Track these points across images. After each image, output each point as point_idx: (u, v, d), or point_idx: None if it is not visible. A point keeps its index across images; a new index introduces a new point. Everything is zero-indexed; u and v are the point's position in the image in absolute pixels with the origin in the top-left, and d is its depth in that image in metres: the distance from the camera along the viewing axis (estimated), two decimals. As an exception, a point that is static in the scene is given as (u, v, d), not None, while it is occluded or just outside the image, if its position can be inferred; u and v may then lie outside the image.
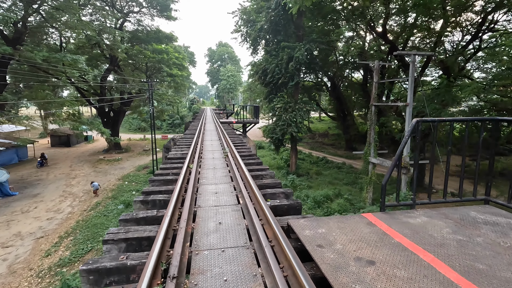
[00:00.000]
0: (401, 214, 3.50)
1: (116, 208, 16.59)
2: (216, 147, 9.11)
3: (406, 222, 3.24)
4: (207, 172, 5.81)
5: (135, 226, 3.30)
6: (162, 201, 4.04)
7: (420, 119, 3.72)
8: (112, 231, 3.01)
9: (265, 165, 6.16)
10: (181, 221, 3.16)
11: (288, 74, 22.44)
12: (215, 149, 8.59)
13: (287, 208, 3.90)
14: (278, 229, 2.83)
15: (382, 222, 3.19)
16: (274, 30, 23.09)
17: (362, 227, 3.08)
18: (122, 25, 33.05)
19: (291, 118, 23.03)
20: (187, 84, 62.67)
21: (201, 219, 3.48)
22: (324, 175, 26.05)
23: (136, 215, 3.43)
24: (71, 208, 17.15)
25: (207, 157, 7.29)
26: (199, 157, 7.22)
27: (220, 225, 3.28)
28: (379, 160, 16.64)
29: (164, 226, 2.86)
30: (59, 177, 24.28)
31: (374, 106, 16.97)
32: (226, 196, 4.34)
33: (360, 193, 21.60)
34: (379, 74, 16.99)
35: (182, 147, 8.65)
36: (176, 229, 3.02)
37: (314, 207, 16.34)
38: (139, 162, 30.45)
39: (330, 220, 3.27)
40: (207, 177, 5.42)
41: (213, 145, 9.47)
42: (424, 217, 3.37)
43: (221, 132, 12.32)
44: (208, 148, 8.80)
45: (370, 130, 17.32)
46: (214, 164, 6.55)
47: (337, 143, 46.50)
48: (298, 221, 3.14)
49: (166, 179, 5.11)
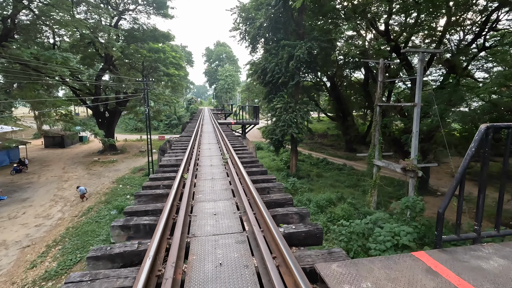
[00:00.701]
0: (464, 252, 2.70)
1: (109, 213, 15.77)
2: (215, 151, 8.35)
3: (477, 266, 2.45)
4: (204, 184, 5.06)
5: (107, 268, 2.53)
6: (147, 226, 3.29)
7: (491, 125, 2.86)
8: (73, 278, 2.24)
9: (270, 174, 5.39)
10: (168, 262, 2.40)
11: (289, 73, 21.71)
12: (213, 154, 7.84)
13: (304, 236, 3.16)
14: (302, 277, 2.08)
15: (445, 268, 2.39)
16: (274, 27, 22.34)
17: (422, 278, 2.27)
18: (117, 23, 32.16)
19: (291, 118, 22.30)
20: (184, 84, 61.74)
21: (195, 257, 2.73)
22: (325, 177, 25.35)
23: (110, 251, 2.66)
24: (62, 214, 16.30)
25: (204, 164, 6.56)
26: (195, 164, 6.49)
27: (220, 267, 2.53)
28: (384, 162, 15.94)
29: (145, 272, 2.11)
30: (51, 180, 23.39)
31: (379, 106, 16.28)
32: (227, 220, 3.60)
33: (363, 196, 20.92)
34: (384, 73, 16.30)
35: (177, 152, 7.88)
36: (161, 275, 2.27)
37: (317, 212, 15.61)
38: (134, 164, 29.59)
39: (373, 265, 2.46)
40: (204, 191, 4.69)
41: (211, 149, 8.71)
42: (499, 258, 2.59)
43: (220, 134, 11.55)
44: (205, 153, 8.05)
45: (374, 131, 16.63)
46: (212, 173, 5.82)
47: (336, 143, 45.88)
48: (329, 267, 2.37)
49: (156, 194, 4.35)
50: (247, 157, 6.97)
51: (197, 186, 4.89)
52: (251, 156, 7.10)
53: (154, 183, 4.88)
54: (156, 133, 57.51)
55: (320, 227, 3.30)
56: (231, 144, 8.76)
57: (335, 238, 11.52)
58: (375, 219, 11.19)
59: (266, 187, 4.60)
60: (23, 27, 26.55)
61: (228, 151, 7.65)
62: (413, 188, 13.92)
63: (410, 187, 13.99)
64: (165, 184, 4.74)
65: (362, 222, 11.47)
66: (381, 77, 16.19)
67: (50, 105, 20.11)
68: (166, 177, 5.25)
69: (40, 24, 24.72)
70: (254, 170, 5.70)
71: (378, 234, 9.77)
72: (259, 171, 5.62)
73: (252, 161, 6.54)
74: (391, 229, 9.77)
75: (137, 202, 4.10)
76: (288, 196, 4.24)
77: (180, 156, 7.14)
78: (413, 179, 13.85)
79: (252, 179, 4.88)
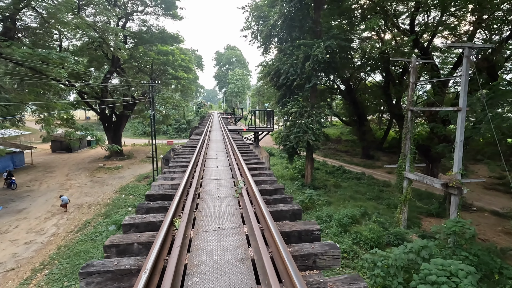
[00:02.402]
0: None
1: (106, 229, 14.22)
2: (224, 171, 6.50)
3: None
4: (206, 243, 3.16)
5: None
6: None
7: None
8: None
9: (310, 220, 3.44)
10: None
11: (305, 75, 19.90)
12: (221, 177, 5.99)
13: None
14: None
15: None
16: (289, 26, 20.61)
17: None
18: (125, 24, 31.16)
19: (307, 124, 20.43)
20: (193, 88, 60.73)
21: None
22: (344, 188, 23.26)
23: None
24: (56, 228, 14.85)
25: (208, 196, 4.70)
26: (196, 195, 4.65)
27: None
28: (418, 176, 13.85)
29: None
30: (52, 188, 22.18)
31: (411, 111, 14.23)
32: None
33: (388, 211, 18.77)
34: (416, 73, 14.28)
35: (174, 171, 6.17)
36: None
37: (340, 232, 13.60)
38: (140, 171, 28.23)
39: None
40: (204, 263, 2.76)
41: (218, 167, 6.93)
42: None
43: (230, 145, 9.77)
44: (211, 174, 6.21)
45: (405, 139, 14.57)
46: (219, 216, 3.89)
47: (351, 150, 43.57)
48: None
49: (119, 271, 2.50)
50: (268, 184, 5.13)
51: (193, 247, 3.04)
52: (272, 179, 5.29)
53: (124, 240, 3.00)
54: (165, 137, 56.51)
55: None
56: (244, 160, 6.95)
57: (368, 269, 9.54)
58: (417, 248, 9.17)
59: (310, 252, 2.76)
60: (28, 29, 25.87)
61: (241, 172, 5.82)
62: (456, 208, 11.79)
63: (453, 206, 11.86)
64: (141, 242, 2.97)
65: (401, 250, 9.47)
66: (414, 77, 14.17)
67: (52, 109, 18.88)
68: (147, 224, 3.45)
69: (47, 27, 23.81)
70: (283, 210, 3.88)
71: (427, 272, 7.76)
72: (290, 211, 3.79)
73: (275, 189, 4.73)
74: (443, 266, 7.75)
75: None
76: (360, 281, 2.36)
77: (177, 180, 5.37)
78: (456, 197, 11.73)
79: (285, 231, 3.08)
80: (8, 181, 21.43)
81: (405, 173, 14.68)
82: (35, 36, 26.66)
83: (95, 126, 64.56)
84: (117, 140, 34.80)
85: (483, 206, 19.80)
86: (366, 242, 12.61)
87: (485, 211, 19.26)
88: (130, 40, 34.43)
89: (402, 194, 14.92)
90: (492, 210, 19.13)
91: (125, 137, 54.17)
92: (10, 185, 21.40)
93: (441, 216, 17.95)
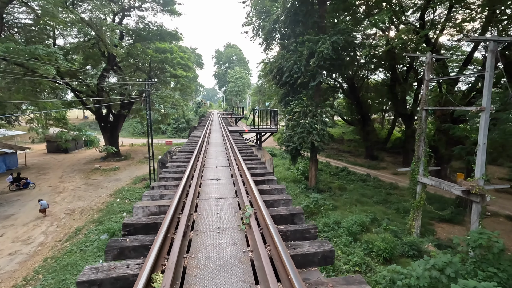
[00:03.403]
0: None
1: (98, 238, 13.22)
2: (225, 187, 5.36)
3: None
4: None
5: None
6: None
7: None
8: None
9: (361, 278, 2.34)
10: None
11: (309, 72, 18.89)
12: (222, 195, 4.89)
13: None
14: None
15: None
16: (293, 20, 19.55)
17: None
18: (121, 20, 30.06)
19: (312, 124, 19.43)
20: (193, 86, 59.66)
21: None
22: (349, 191, 22.27)
23: None
24: (44, 237, 13.85)
25: (205, 228, 3.60)
26: (188, 227, 3.52)
27: None
28: (433, 181, 12.84)
29: None
30: (44, 191, 21.17)
31: (426, 110, 13.22)
32: None
33: (398, 216, 17.79)
34: (431, 70, 13.25)
35: (165, 185, 5.10)
36: None
37: (350, 242, 12.59)
38: (137, 173, 27.21)
39: None
40: None
41: (219, 182, 5.80)
42: None
43: (231, 150, 8.70)
44: (209, 191, 5.11)
45: (419, 141, 13.56)
46: (220, 270, 2.73)
47: (354, 150, 42.57)
48: None
49: None
50: (279, 201, 4.09)
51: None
52: (286, 198, 4.25)
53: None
54: (164, 137, 55.43)
55: None
56: (249, 169, 5.84)
57: (386, 286, 8.55)
58: (441, 265, 8.17)
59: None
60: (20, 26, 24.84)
61: (247, 187, 4.73)
62: (478, 217, 10.80)
63: (474, 215, 10.86)
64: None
65: (422, 266, 8.48)
66: (429, 75, 13.15)
67: (42, 109, 17.82)
68: (114, 280, 2.40)
69: (41, 24, 22.76)
70: (309, 253, 2.82)
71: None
72: (320, 256, 2.73)
73: (292, 214, 3.69)
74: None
75: None
76: None
77: (167, 198, 4.31)
78: (478, 205, 10.74)
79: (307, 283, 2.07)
80: (24, 181, 21.30)
81: (418, 177, 13.67)
82: (28, 33, 25.67)
83: (93, 125, 63.53)
84: (114, 141, 33.75)
85: (497, 210, 18.82)
86: (379, 253, 11.61)
87: (499, 216, 18.29)
88: (128, 37, 33.36)
89: (416, 200, 13.92)
90: (507, 215, 18.16)
91: (123, 137, 53.09)
92: (27, 185, 21.30)
93: (455, 222, 16.97)
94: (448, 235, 14.92)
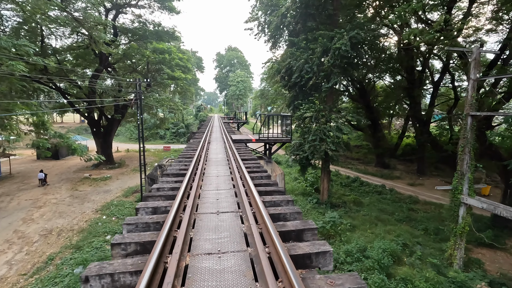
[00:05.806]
0: None
1: (71, 272, 10.77)
2: (229, 239, 3.23)
3: None
4: None
5: None
6: None
7: None
8: None
9: None
10: None
11: (323, 72, 16.61)
12: (226, 257, 2.57)
13: None
14: None
15: None
16: (304, 14, 17.32)
17: None
18: (115, 17, 27.92)
19: (325, 131, 17.07)
20: (193, 90, 57.44)
21: None
22: (366, 206, 19.85)
23: None
24: (8, 268, 11.42)
25: None
26: None
27: None
28: (485, 203, 10.41)
29: None
30: (23, 205, 18.77)
31: (472, 116, 10.85)
32: None
33: (427, 238, 15.29)
34: (479, 67, 10.91)
35: (144, 227, 2.77)
36: None
37: (383, 281, 10.04)
38: (130, 183, 24.80)
39: None
40: None
41: (222, 241, 3.28)
42: None
43: (239, 172, 6.10)
44: (205, 249, 2.93)
45: (463, 153, 11.16)
46: None
47: (363, 157, 40.17)
48: None
49: None
50: None
51: None
52: None
53: None
54: (162, 142, 53.12)
55: None
56: (271, 215, 3.45)
57: None
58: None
59: None
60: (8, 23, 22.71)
61: (280, 266, 2.39)
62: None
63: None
64: None
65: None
66: (475, 74, 10.80)
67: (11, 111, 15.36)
68: None
69: (31, 21, 20.61)
70: None
71: None
72: None
73: None
74: None
75: None
76: None
77: (142, 260, 2.04)
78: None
79: None
80: None
81: (463, 197, 11.25)
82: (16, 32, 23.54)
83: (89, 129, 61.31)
84: (107, 146, 31.45)
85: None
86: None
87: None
88: (124, 37, 31.26)
89: (459, 225, 11.47)
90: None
91: (120, 142, 50.81)
92: None
93: (496, 247, 14.49)
94: (496, 266, 12.45)
